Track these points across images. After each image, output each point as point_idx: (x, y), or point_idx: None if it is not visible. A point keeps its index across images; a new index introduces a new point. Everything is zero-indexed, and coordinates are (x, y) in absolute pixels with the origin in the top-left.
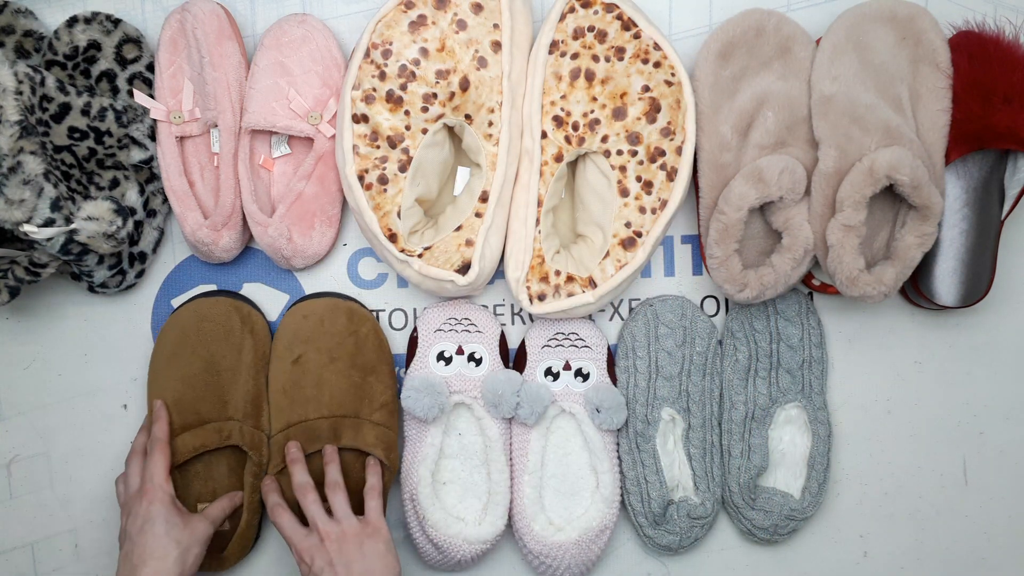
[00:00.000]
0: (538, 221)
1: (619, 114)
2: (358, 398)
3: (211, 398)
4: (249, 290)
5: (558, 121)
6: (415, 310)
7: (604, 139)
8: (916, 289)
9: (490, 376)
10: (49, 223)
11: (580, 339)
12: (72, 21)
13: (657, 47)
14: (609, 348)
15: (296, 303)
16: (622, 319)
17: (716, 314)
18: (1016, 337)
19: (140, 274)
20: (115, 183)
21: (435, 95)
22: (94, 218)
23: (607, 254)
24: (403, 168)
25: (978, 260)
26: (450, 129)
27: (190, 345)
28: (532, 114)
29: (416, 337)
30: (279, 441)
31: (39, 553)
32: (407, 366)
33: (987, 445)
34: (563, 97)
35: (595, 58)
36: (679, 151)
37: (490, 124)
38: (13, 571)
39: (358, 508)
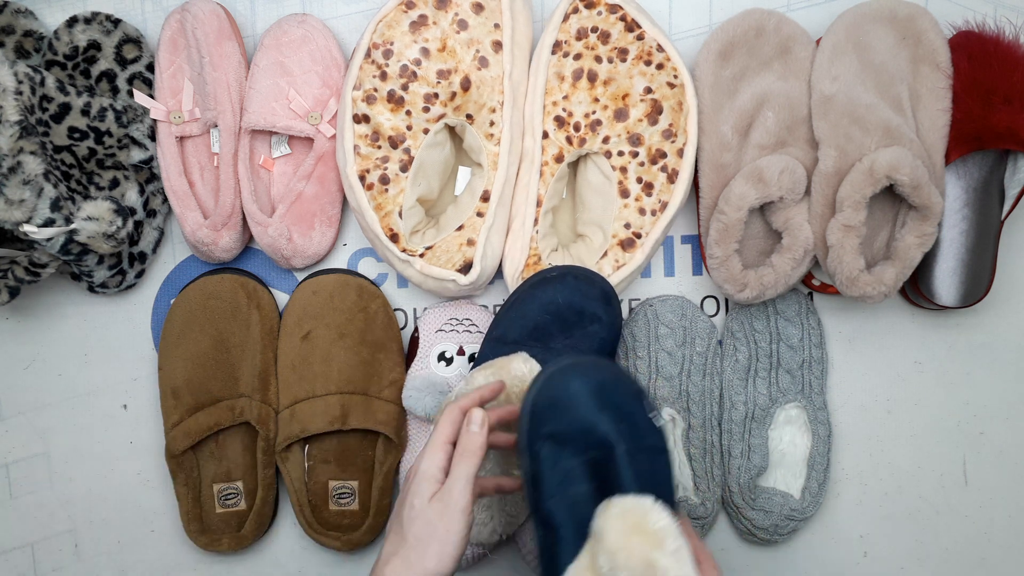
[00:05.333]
0: (536, 221)
1: (621, 115)
2: (367, 375)
3: (222, 376)
4: None
5: (560, 121)
6: (415, 310)
7: (605, 140)
8: (916, 289)
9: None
10: (49, 223)
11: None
12: (72, 21)
13: (660, 49)
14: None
15: (306, 279)
16: (622, 319)
17: (716, 314)
18: (1016, 337)
19: (140, 274)
20: (115, 183)
21: (436, 95)
22: (94, 218)
23: (604, 254)
24: (404, 168)
25: (978, 260)
26: (451, 129)
27: (198, 324)
28: (534, 114)
29: (417, 337)
30: (286, 417)
31: (39, 553)
32: (408, 367)
33: (987, 445)
34: (565, 98)
35: (598, 59)
36: (680, 153)
37: (491, 124)
38: (13, 571)
39: (367, 489)
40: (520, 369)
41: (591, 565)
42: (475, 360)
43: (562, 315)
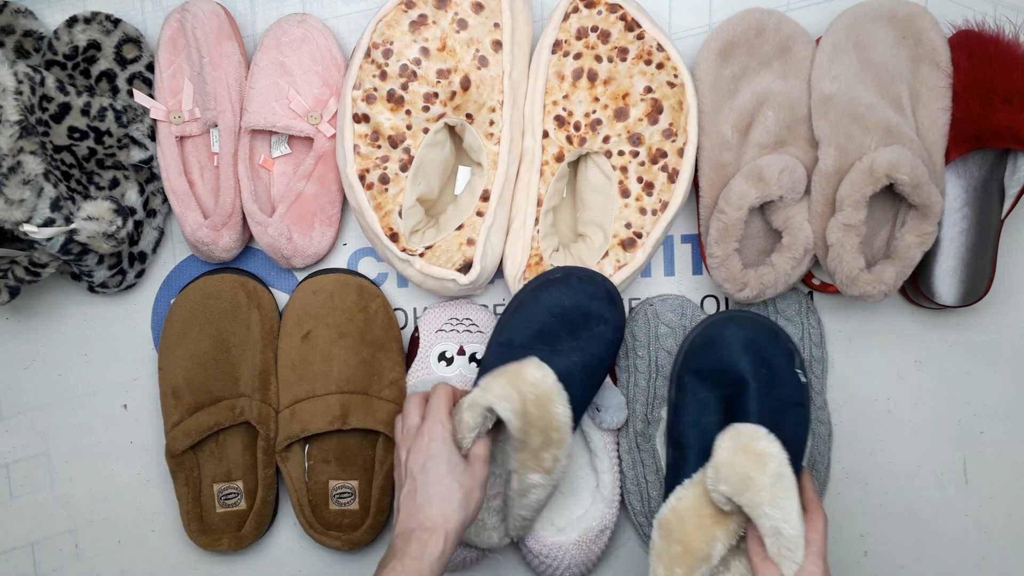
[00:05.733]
0: (537, 221)
1: (621, 115)
2: (367, 374)
3: (222, 375)
4: None
5: (560, 121)
6: (415, 310)
7: (606, 139)
8: (916, 288)
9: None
10: (49, 223)
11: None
12: (72, 21)
13: (660, 48)
14: None
15: (306, 279)
16: (626, 318)
17: None
18: (1016, 337)
19: (140, 274)
20: (115, 183)
21: (436, 94)
22: (94, 218)
23: (606, 254)
24: (404, 167)
25: (978, 259)
26: (451, 128)
27: (198, 323)
28: (534, 113)
29: (417, 337)
30: (286, 417)
31: (39, 553)
32: (408, 367)
33: (987, 444)
34: (565, 97)
35: (598, 58)
36: (681, 153)
37: (491, 123)
38: (13, 571)
39: (367, 489)
40: (534, 375)
41: (702, 480)
42: (481, 365)
43: (568, 317)
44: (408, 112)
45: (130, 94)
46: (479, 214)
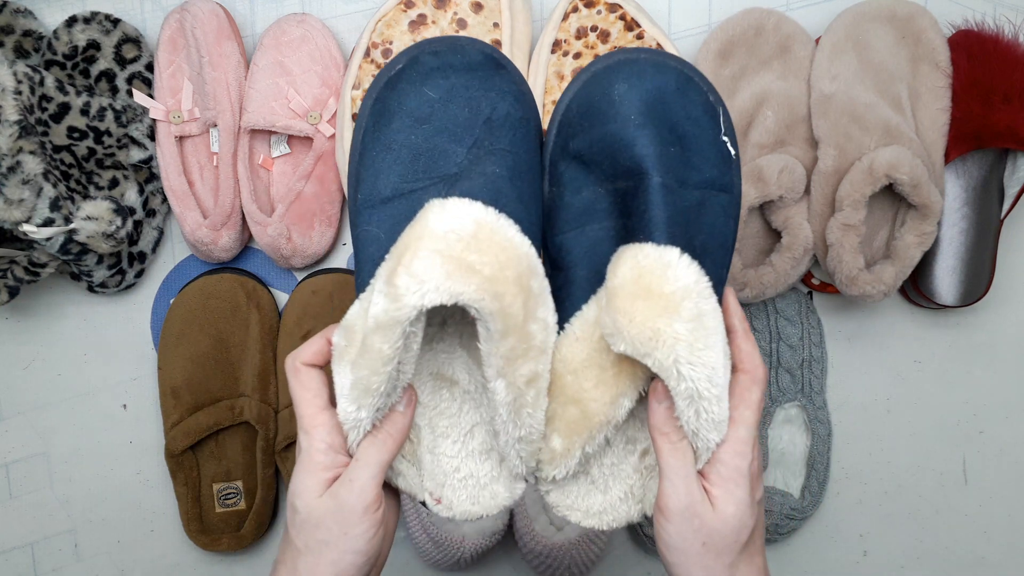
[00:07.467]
0: None
1: None
2: None
3: (221, 375)
4: None
5: None
6: None
7: None
8: (916, 288)
9: None
10: (48, 223)
11: None
12: (71, 21)
13: (660, 48)
14: None
15: (305, 279)
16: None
17: None
18: (1016, 336)
19: (139, 274)
20: (114, 183)
21: None
22: (93, 218)
23: None
24: None
25: (978, 259)
26: None
27: (197, 323)
28: None
29: None
30: (285, 416)
31: (39, 553)
32: None
33: (987, 444)
34: None
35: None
36: None
37: None
38: (13, 571)
39: None
40: (447, 222)
41: (598, 320)
42: (357, 275)
43: (447, 118)
44: None
45: (129, 94)
46: None
